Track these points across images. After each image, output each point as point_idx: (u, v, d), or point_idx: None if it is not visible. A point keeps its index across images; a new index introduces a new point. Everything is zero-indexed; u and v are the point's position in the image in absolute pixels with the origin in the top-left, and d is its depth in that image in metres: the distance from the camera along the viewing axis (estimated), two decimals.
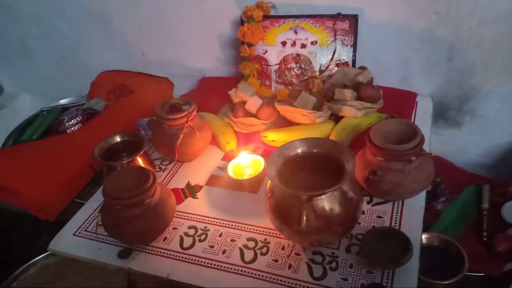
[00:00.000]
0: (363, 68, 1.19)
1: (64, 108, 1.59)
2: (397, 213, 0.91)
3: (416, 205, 0.92)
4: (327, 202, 0.76)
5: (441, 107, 1.31)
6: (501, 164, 1.33)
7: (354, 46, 1.25)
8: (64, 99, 1.70)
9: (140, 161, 1.05)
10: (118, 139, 1.10)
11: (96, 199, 1.09)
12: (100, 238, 0.97)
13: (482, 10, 1.11)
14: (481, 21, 1.13)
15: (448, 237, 1.02)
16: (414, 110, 1.23)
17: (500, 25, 1.12)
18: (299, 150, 0.85)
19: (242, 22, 1.31)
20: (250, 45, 1.31)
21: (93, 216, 1.04)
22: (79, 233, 1.00)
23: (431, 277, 0.95)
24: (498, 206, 1.16)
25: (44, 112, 1.57)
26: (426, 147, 0.91)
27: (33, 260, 1.24)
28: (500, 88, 1.21)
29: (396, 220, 0.89)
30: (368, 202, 0.94)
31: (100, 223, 0.93)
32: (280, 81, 1.34)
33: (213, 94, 1.41)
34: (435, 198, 1.23)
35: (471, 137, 1.33)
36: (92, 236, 0.98)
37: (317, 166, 0.85)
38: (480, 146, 1.33)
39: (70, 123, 1.44)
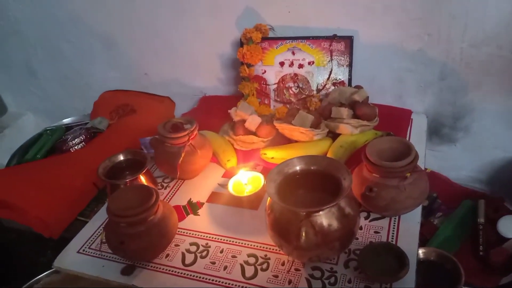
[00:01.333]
0: (358, 87, 1.23)
1: (68, 127, 1.62)
2: (393, 228, 0.93)
3: (412, 220, 0.94)
4: (325, 218, 0.78)
5: (436, 124, 1.35)
6: (495, 179, 1.36)
7: (350, 66, 1.29)
8: (67, 118, 1.73)
9: (143, 179, 1.08)
10: (121, 157, 1.12)
11: (99, 217, 1.12)
12: (104, 256, 0.98)
13: (472, 32, 1.16)
14: (472, 43, 1.17)
15: (444, 252, 1.04)
16: (409, 128, 1.26)
17: (489, 47, 1.16)
18: (298, 168, 0.88)
19: (241, 44, 1.35)
20: (249, 65, 1.35)
21: (97, 234, 1.06)
22: (83, 250, 1.02)
23: None
24: (494, 221, 1.18)
25: (48, 131, 1.60)
26: (421, 163, 0.94)
27: (37, 277, 1.25)
28: (492, 106, 1.25)
29: (393, 235, 0.91)
30: (366, 218, 0.97)
31: (104, 240, 0.95)
32: (278, 99, 1.38)
33: (214, 113, 1.44)
34: (432, 213, 1.25)
35: (466, 153, 1.36)
36: (96, 254, 1.00)
37: (315, 183, 0.88)
38: (475, 161, 1.36)
39: (73, 142, 1.47)
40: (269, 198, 0.86)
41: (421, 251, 1.04)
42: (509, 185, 1.31)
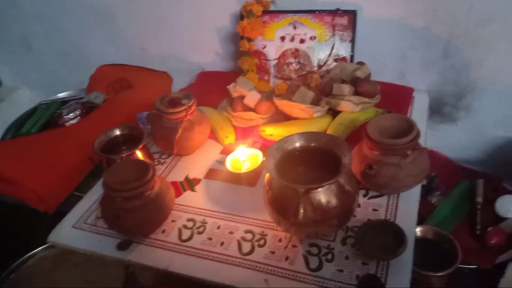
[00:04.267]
0: (361, 64, 1.21)
1: (63, 102, 1.60)
2: (392, 206, 0.92)
3: (411, 198, 0.93)
4: (324, 195, 0.77)
5: (437, 103, 1.33)
6: (495, 160, 1.35)
7: (352, 41, 1.26)
8: (63, 92, 1.71)
9: (139, 154, 1.06)
10: (117, 132, 1.11)
11: (95, 192, 1.10)
12: (99, 231, 0.98)
13: (478, 9, 1.13)
14: (477, 20, 1.14)
15: (442, 230, 1.04)
16: (410, 106, 1.24)
17: (494, 25, 1.13)
18: (297, 144, 0.86)
19: (241, 17, 1.32)
20: (249, 39, 1.31)
21: (92, 209, 1.05)
22: (79, 225, 1.01)
23: (425, 269, 0.97)
24: (492, 201, 1.17)
25: (43, 106, 1.58)
26: (421, 142, 0.92)
27: (32, 252, 1.25)
28: (494, 85, 1.23)
29: (391, 213, 0.91)
30: (364, 196, 0.96)
31: (99, 215, 0.94)
32: (278, 75, 1.35)
33: (212, 89, 1.42)
34: (430, 192, 1.25)
35: (466, 132, 1.35)
36: (92, 228, 0.99)
37: (315, 160, 0.87)
38: (475, 141, 1.35)
39: (69, 116, 1.45)
40: (267, 174, 0.85)
41: (418, 230, 1.04)
42: (508, 165, 1.31)
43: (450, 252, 1.01)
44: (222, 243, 0.90)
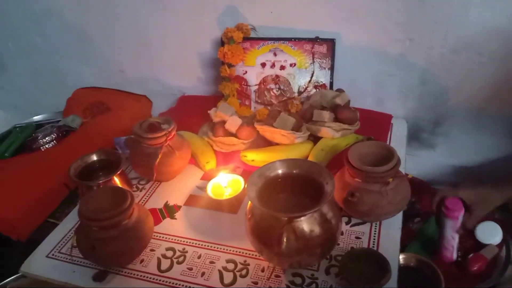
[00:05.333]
0: (340, 91, 1.22)
1: (39, 125, 1.55)
2: (375, 233, 0.92)
3: (393, 225, 0.93)
4: (307, 224, 0.76)
5: (415, 129, 1.35)
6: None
7: (332, 69, 1.27)
8: (38, 115, 1.66)
9: (117, 180, 1.04)
10: (94, 158, 1.08)
11: (70, 220, 1.07)
12: (75, 260, 0.94)
13: (453, 38, 1.16)
14: (452, 48, 1.18)
15: (424, 258, 1.04)
16: (389, 132, 1.26)
17: (469, 53, 1.17)
18: (279, 171, 0.86)
19: (222, 43, 1.32)
20: (230, 65, 1.32)
21: (67, 237, 1.01)
22: (53, 254, 0.97)
23: None
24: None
25: (18, 129, 1.53)
26: (401, 168, 0.93)
27: (3, 282, 1.19)
28: (471, 111, 1.26)
29: (374, 241, 0.90)
30: (347, 223, 0.95)
31: (75, 244, 0.91)
32: (259, 101, 1.36)
33: (193, 113, 1.41)
34: (410, 218, 1.25)
35: (444, 158, 1.37)
36: (66, 258, 0.95)
37: (297, 187, 0.86)
38: (453, 167, 1.38)
39: (44, 140, 1.41)
40: (249, 202, 0.84)
41: (401, 257, 1.03)
42: None
43: (433, 279, 1.01)
44: (203, 274, 0.88)
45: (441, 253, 1.06)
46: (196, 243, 0.95)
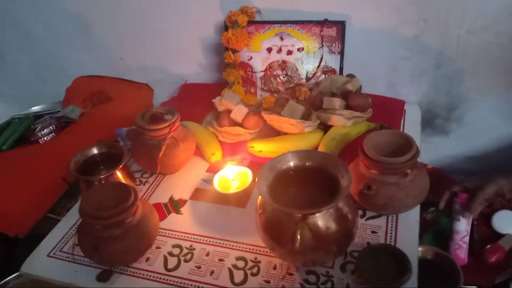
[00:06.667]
0: (351, 76, 1.17)
1: (37, 116, 1.50)
2: (391, 227, 0.87)
3: (411, 219, 0.89)
4: (322, 220, 0.72)
5: (429, 115, 1.30)
6: (489, 172, 1.32)
7: (342, 53, 1.21)
8: (38, 105, 1.61)
9: (119, 174, 0.99)
10: (95, 151, 1.03)
11: (72, 216, 1.03)
12: (77, 259, 0.90)
13: (470, 19, 1.10)
14: (469, 30, 1.12)
15: (441, 250, 1.00)
16: (402, 119, 1.21)
17: (487, 34, 1.11)
18: (291, 164, 0.81)
19: (226, 28, 1.26)
20: (234, 51, 1.26)
21: (69, 235, 0.97)
22: (54, 254, 0.93)
23: None
24: (488, 216, 1.14)
25: (16, 120, 1.48)
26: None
27: (4, 280, 1.15)
28: (487, 96, 1.21)
29: (391, 236, 0.86)
30: (362, 216, 0.91)
31: (76, 243, 0.87)
32: (265, 88, 1.30)
33: (196, 102, 1.36)
34: (424, 208, 1.21)
35: (459, 144, 1.32)
36: (68, 257, 0.91)
37: (310, 180, 0.81)
38: (468, 153, 1.33)
39: (43, 132, 1.36)
40: (260, 196, 0.79)
41: (418, 250, 0.99)
42: None
43: (450, 272, 0.97)
44: (212, 272, 0.84)
45: (453, 252, 1.01)
46: (203, 240, 0.91)
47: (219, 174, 1.01)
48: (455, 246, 1.00)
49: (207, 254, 0.88)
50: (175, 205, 1.01)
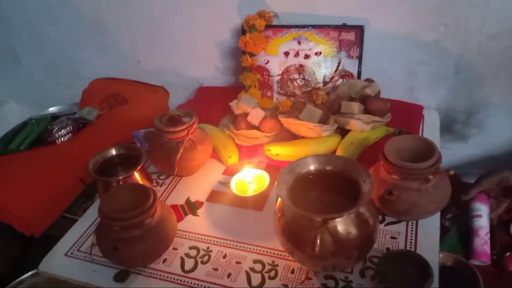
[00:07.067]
0: (370, 81, 1.16)
1: (54, 117, 1.52)
2: (411, 233, 0.86)
3: (431, 225, 0.87)
4: (343, 225, 0.71)
5: (447, 120, 1.28)
6: None
7: (360, 57, 1.21)
8: (53, 107, 1.63)
9: (137, 176, 0.99)
10: (113, 152, 1.03)
11: (89, 217, 1.03)
12: (94, 259, 0.90)
13: (490, 23, 1.09)
14: (490, 34, 1.11)
15: (461, 257, 0.98)
16: (421, 124, 1.19)
17: (508, 39, 1.10)
18: (311, 167, 0.80)
19: (243, 31, 1.26)
20: (252, 55, 1.26)
21: (86, 235, 0.98)
22: (71, 253, 0.93)
23: None
24: (507, 223, 1.12)
25: (33, 121, 1.50)
26: None
27: (20, 279, 1.16)
28: (508, 101, 1.19)
29: (411, 241, 0.85)
30: (381, 222, 0.90)
31: (94, 243, 0.87)
32: (282, 92, 1.30)
33: (212, 105, 1.36)
34: (442, 214, 1.19)
35: (478, 150, 1.30)
36: (86, 257, 0.91)
37: (330, 184, 0.81)
38: (487, 160, 1.31)
39: (60, 133, 1.37)
40: (279, 199, 0.79)
41: None
42: None
43: (470, 280, 0.95)
44: (229, 275, 0.83)
45: (480, 248, 1.00)
46: (220, 242, 0.91)
47: (236, 177, 1.01)
48: (481, 242, 1.00)
49: (224, 257, 0.87)
50: (191, 207, 1.01)
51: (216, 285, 0.81)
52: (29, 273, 1.16)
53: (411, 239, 0.85)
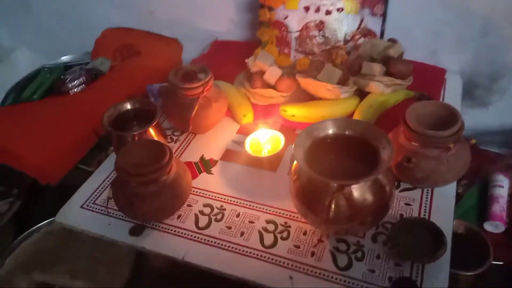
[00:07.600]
0: (393, 41, 1.11)
1: (67, 67, 1.50)
2: (426, 201, 0.86)
3: (447, 193, 0.87)
4: (359, 191, 0.70)
5: (469, 85, 1.24)
6: None
7: (384, 16, 1.15)
8: (65, 56, 1.60)
9: (152, 132, 0.98)
10: (128, 106, 1.02)
11: (104, 170, 1.04)
12: (110, 213, 0.92)
13: None
14: None
15: (473, 225, 0.98)
16: (442, 88, 1.16)
17: None
18: (330, 131, 0.78)
19: None
20: (270, 8, 1.21)
21: (101, 188, 0.99)
22: (87, 205, 0.95)
23: (454, 266, 0.92)
24: None
25: (46, 69, 1.48)
26: None
27: (37, 225, 1.20)
28: None
29: (425, 209, 0.84)
30: (396, 188, 0.89)
31: (110, 196, 0.88)
32: (300, 49, 1.25)
33: (227, 60, 1.32)
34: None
35: (498, 117, 1.26)
36: (101, 210, 0.93)
37: (348, 149, 0.79)
38: (507, 127, 1.27)
39: (73, 83, 1.36)
40: (295, 162, 0.78)
41: None
42: None
43: (480, 248, 0.96)
44: (242, 233, 0.84)
45: (499, 213, 1.02)
46: (234, 201, 0.91)
47: (250, 137, 1.00)
48: (500, 208, 1.04)
49: (238, 215, 0.88)
50: (206, 165, 1.01)
51: (230, 243, 0.83)
52: (46, 221, 1.20)
53: (426, 207, 0.85)
